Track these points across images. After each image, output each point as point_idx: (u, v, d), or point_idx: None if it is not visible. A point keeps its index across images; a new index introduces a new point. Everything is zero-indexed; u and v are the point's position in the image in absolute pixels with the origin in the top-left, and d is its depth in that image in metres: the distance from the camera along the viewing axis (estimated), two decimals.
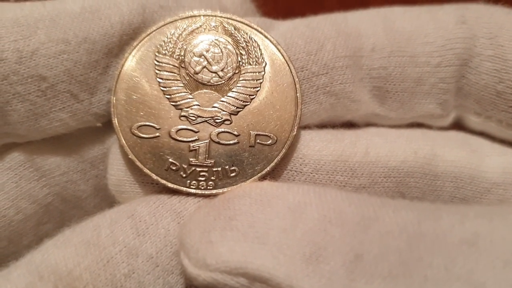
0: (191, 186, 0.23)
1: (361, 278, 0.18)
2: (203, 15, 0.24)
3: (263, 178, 0.24)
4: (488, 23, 0.26)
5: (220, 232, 0.20)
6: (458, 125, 0.29)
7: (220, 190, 0.23)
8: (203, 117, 0.24)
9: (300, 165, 0.24)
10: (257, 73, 0.24)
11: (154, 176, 0.23)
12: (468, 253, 0.18)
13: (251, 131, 0.24)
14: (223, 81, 0.24)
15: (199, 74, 0.24)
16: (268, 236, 0.19)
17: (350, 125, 0.28)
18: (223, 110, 0.24)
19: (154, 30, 0.24)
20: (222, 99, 0.24)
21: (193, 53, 0.24)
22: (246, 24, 0.24)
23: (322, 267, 0.18)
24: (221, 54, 0.24)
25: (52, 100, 0.24)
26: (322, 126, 0.26)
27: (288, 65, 0.24)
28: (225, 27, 0.24)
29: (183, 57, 0.24)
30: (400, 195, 0.25)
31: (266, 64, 0.24)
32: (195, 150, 0.23)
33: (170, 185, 0.23)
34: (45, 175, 0.26)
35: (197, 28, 0.24)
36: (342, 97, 0.26)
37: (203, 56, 0.24)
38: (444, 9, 0.27)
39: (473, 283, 0.17)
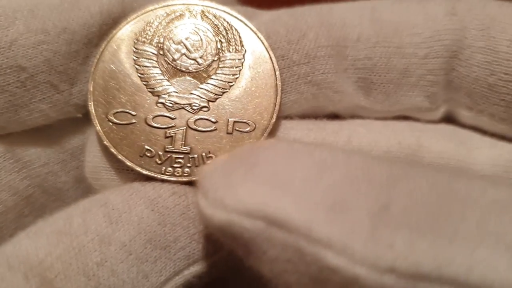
0: (166, 173, 0.23)
1: (385, 228, 0.16)
2: (183, 4, 0.24)
3: None
4: (480, 15, 0.25)
5: (242, 175, 0.19)
6: (449, 120, 0.28)
7: (196, 178, 0.23)
8: (180, 104, 0.23)
9: None
10: (236, 61, 0.24)
11: (129, 163, 0.23)
12: (501, 213, 0.17)
13: (229, 118, 0.23)
14: (202, 68, 0.24)
15: (177, 61, 0.24)
16: (291, 184, 0.18)
17: (334, 117, 0.27)
18: (201, 97, 0.23)
19: (134, 19, 0.24)
20: (201, 86, 0.24)
21: (172, 40, 0.24)
22: (227, 13, 0.24)
23: (345, 215, 0.17)
24: (200, 41, 0.24)
25: (31, 91, 0.23)
26: (304, 117, 0.26)
27: (268, 53, 0.24)
28: (205, 15, 0.24)
29: (162, 45, 0.24)
30: None
31: (246, 51, 0.24)
32: (171, 136, 0.23)
33: (144, 171, 0.23)
34: (25, 166, 0.26)
35: (177, 16, 0.24)
36: (324, 87, 0.25)
37: (182, 44, 0.24)
38: (435, 1, 0.26)
39: (506, 242, 0.16)
